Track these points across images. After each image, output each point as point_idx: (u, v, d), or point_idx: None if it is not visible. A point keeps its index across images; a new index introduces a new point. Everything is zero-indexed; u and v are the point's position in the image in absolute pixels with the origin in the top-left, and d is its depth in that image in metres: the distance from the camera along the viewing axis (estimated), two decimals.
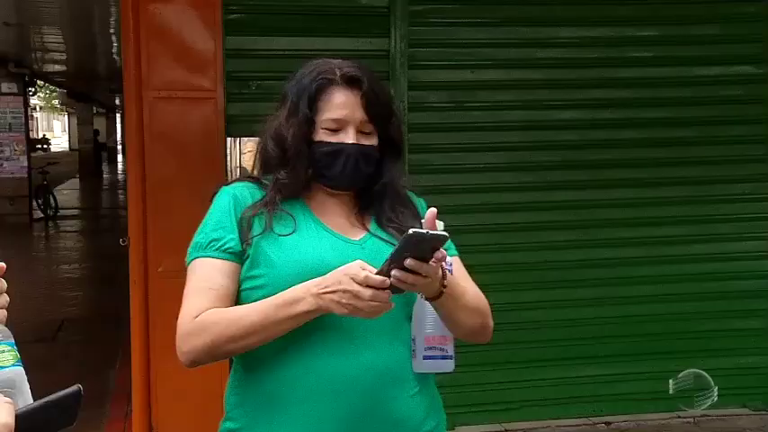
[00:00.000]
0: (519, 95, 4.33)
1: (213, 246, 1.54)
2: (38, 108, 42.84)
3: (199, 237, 1.58)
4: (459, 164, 4.29)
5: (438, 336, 1.56)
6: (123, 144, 24.50)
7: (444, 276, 1.48)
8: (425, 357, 1.55)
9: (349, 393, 1.48)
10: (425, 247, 1.36)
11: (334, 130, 1.57)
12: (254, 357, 1.53)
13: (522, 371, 4.34)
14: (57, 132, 55.57)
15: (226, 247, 1.54)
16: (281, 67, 4.06)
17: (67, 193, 18.65)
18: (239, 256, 1.54)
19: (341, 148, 1.56)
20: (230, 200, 1.58)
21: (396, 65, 4.12)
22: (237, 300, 1.54)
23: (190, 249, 1.58)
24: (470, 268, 1.70)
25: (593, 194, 4.41)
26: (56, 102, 43.14)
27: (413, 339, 1.57)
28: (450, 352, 1.57)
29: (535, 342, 4.35)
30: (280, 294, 1.46)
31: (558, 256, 4.38)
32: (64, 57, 14.71)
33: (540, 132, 4.35)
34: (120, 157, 29.30)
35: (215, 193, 1.63)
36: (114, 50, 12.27)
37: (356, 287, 1.37)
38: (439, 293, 1.49)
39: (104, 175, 24.22)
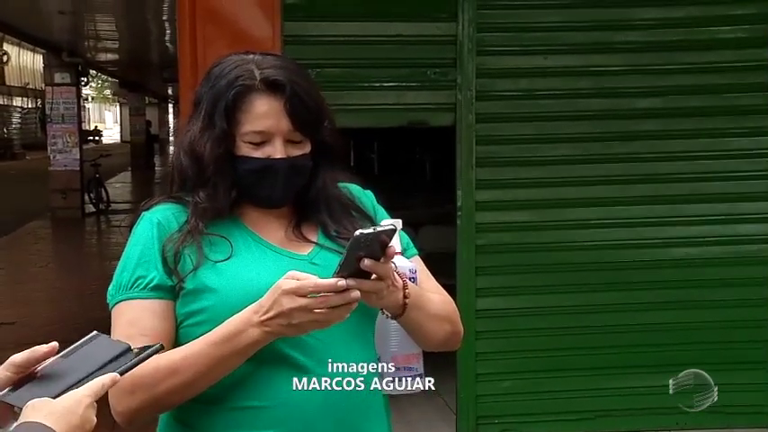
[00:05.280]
0: (596, 82, 4.26)
1: (139, 284, 1.43)
2: (90, 98, 44.06)
3: (121, 275, 1.46)
4: (530, 156, 4.25)
5: (405, 354, 1.49)
6: (176, 135, 24.98)
7: (406, 286, 1.42)
8: (393, 379, 1.49)
9: (321, 424, 1.41)
10: (375, 247, 1.32)
11: (259, 143, 1.45)
12: (197, 400, 1.42)
13: (597, 378, 4.28)
14: (108, 123, 57.08)
15: (153, 284, 1.43)
16: (341, 54, 4.12)
17: (119, 187, 19.16)
18: (169, 292, 1.43)
19: (269, 165, 1.45)
20: (153, 228, 1.47)
21: (463, 51, 4.10)
22: (177, 338, 1.45)
23: (111, 290, 1.47)
24: (540, 267, 1.67)
25: (677, 189, 4.32)
26: (107, 92, 44.35)
27: (378, 359, 1.49)
28: (420, 369, 1.50)
29: (610, 347, 4.28)
30: (216, 330, 1.36)
31: (640, 255, 4.30)
32: (116, 45, 15.13)
33: (618, 122, 4.28)
34: (172, 149, 29.88)
35: (135, 220, 1.52)
36: (168, 37, 12.55)
37: (301, 302, 1.29)
38: (403, 307, 1.42)
39: (156, 168, 24.74)
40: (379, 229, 1.32)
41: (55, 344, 1.12)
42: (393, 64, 4.16)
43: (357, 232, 1.29)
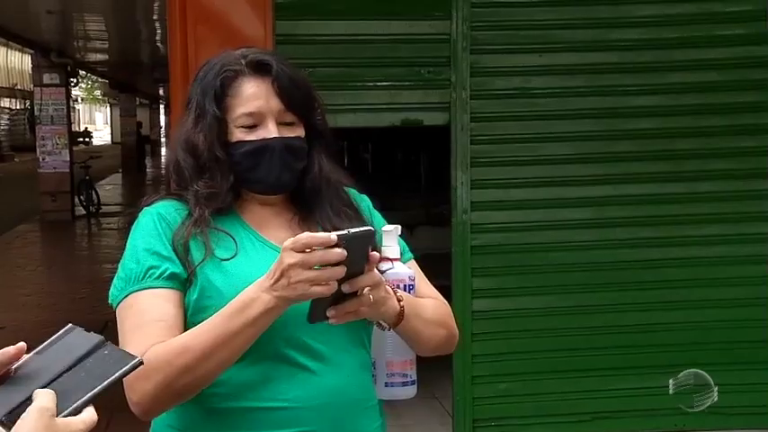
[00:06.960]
0: (591, 81, 4.27)
1: (152, 274, 1.43)
2: (79, 99, 43.95)
3: (131, 267, 1.45)
4: (526, 155, 4.26)
5: (399, 361, 1.52)
6: (167, 136, 24.98)
7: (396, 293, 1.43)
8: (387, 384, 1.52)
9: (317, 425, 1.43)
10: (358, 253, 1.30)
11: (252, 127, 1.47)
12: (195, 402, 1.43)
13: (594, 380, 4.29)
14: (99, 125, 57.00)
15: (168, 273, 1.43)
16: (334, 53, 4.13)
17: (110, 189, 19.12)
18: (182, 284, 1.44)
19: (263, 146, 1.46)
20: (157, 222, 1.47)
21: (457, 49, 4.11)
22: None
23: (119, 284, 1.46)
24: (536, 268, 1.68)
25: (674, 188, 4.33)
26: (98, 93, 44.25)
27: (373, 363, 1.53)
28: (413, 377, 1.54)
29: (607, 348, 4.29)
30: (229, 304, 1.36)
31: (636, 255, 4.31)
32: (106, 45, 15.10)
33: (615, 120, 4.29)
34: (163, 151, 29.85)
35: (135, 216, 1.53)
36: (158, 37, 12.53)
37: (298, 257, 1.29)
38: (399, 316, 1.43)
39: (148, 170, 24.71)
40: (353, 231, 1.32)
41: (23, 344, 1.12)
42: (387, 63, 4.17)
43: (332, 235, 1.30)
